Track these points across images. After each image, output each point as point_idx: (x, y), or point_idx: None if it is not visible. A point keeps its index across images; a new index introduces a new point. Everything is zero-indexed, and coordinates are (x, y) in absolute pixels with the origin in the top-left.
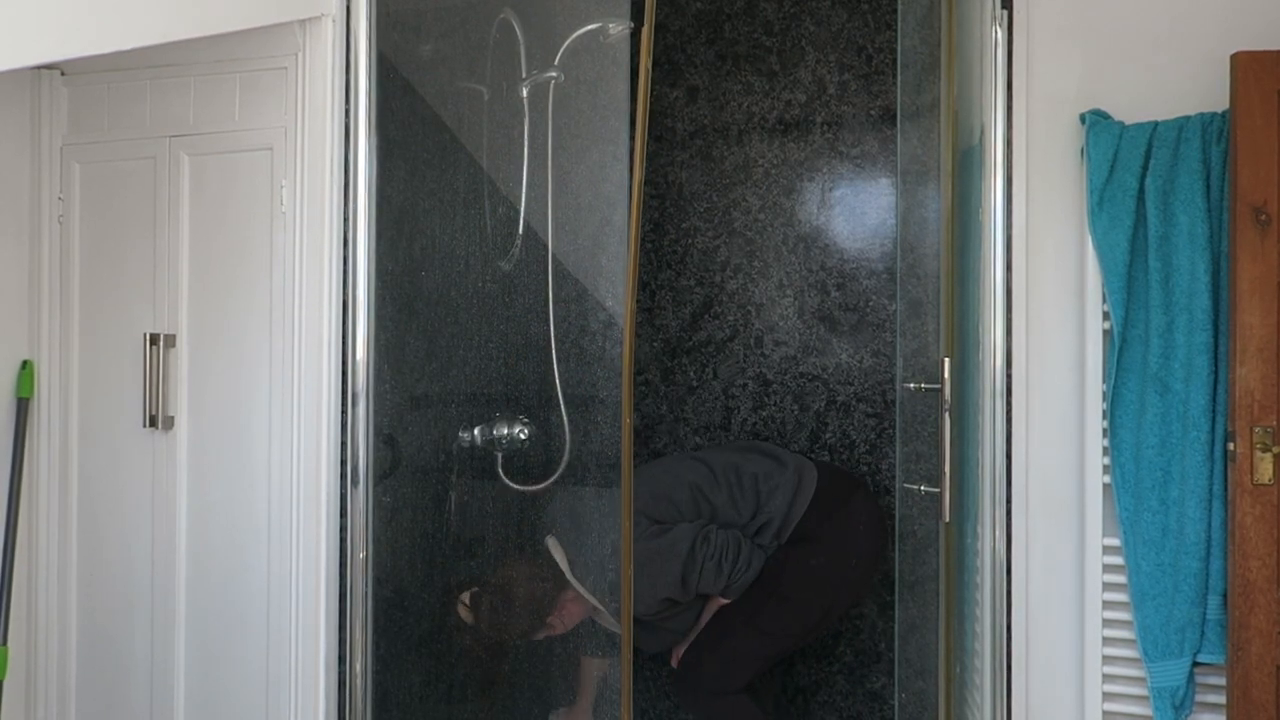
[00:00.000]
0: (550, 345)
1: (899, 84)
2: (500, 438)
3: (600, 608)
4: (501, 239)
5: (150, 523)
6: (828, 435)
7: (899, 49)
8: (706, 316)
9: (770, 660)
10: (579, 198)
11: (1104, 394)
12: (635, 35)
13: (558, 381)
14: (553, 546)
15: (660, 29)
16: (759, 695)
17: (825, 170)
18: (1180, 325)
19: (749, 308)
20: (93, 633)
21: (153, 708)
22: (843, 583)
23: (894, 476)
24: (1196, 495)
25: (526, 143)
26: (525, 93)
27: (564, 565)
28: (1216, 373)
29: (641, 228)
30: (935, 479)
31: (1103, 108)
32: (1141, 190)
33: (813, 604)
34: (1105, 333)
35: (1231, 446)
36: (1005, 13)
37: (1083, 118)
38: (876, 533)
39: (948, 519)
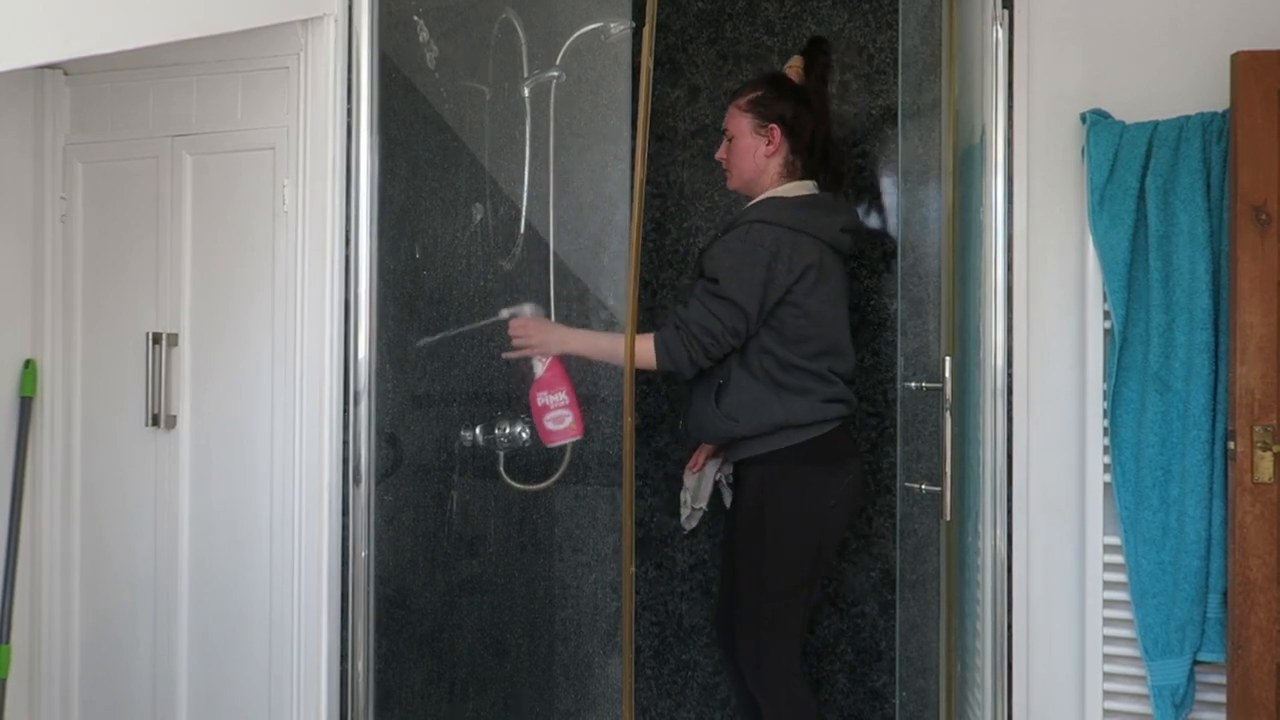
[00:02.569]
0: None
1: (900, 83)
2: (502, 437)
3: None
4: (503, 238)
5: (153, 521)
6: None
7: (900, 49)
8: None
9: (802, 619)
10: (581, 197)
11: (1105, 393)
12: (637, 35)
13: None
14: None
15: (661, 28)
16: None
17: None
18: (1181, 324)
19: None
20: (95, 631)
21: (155, 706)
22: (823, 517)
23: (895, 475)
24: (1197, 494)
25: (528, 142)
26: (527, 92)
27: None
28: (1217, 372)
29: (643, 227)
30: (936, 478)
31: (1103, 107)
32: (1142, 190)
33: (799, 547)
34: (1106, 332)
35: (1232, 445)
36: (1006, 12)
37: (1083, 117)
38: (859, 490)
39: (949, 518)
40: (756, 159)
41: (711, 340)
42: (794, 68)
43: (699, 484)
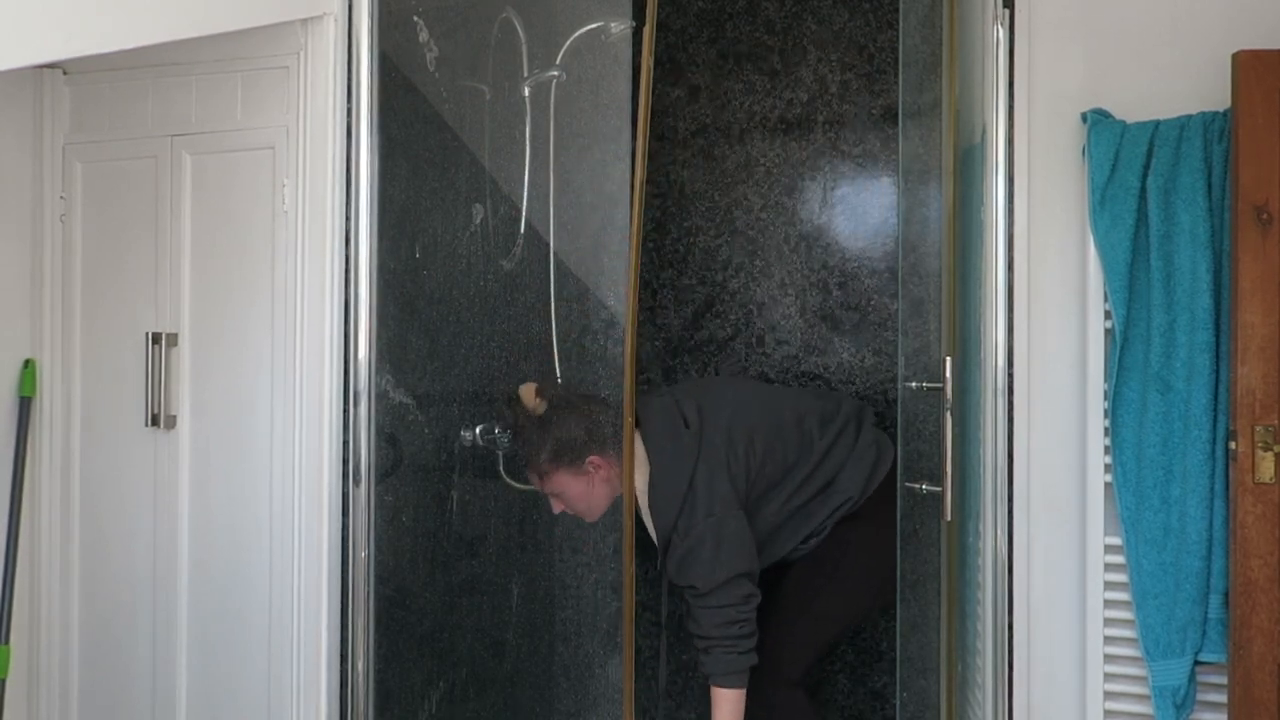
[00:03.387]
0: (552, 344)
1: (901, 83)
2: (502, 437)
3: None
4: (503, 238)
5: (152, 521)
6: None
7: (901, 48)
8: (708, 315)
9: (825, 647)
10: (581, 196)
11: (1105, 393)
12: (637, 34)
13: (560, 380)
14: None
15: (662, 28)
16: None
17: (827, 169)
18: (1182, 324)
19: (750, 307)
20: (95, 631)
21: (154, 706)
22: (890, 562)
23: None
24: (1198, 494)
25: (528, 142)
26: (527, 92)
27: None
28: (1218, 372)
29: (643, 227)
30: (937, 478)
31: (1104, 107)
32: (1143, 189)
33: (868, 586)
34: (1107, 331)
35: (1233, 445)
36: (1007, 11)
37: (1084, 116)
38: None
39: (949, 518)
40: (597, 491)
41: (740, 624)
42: (528, 399)
43: None
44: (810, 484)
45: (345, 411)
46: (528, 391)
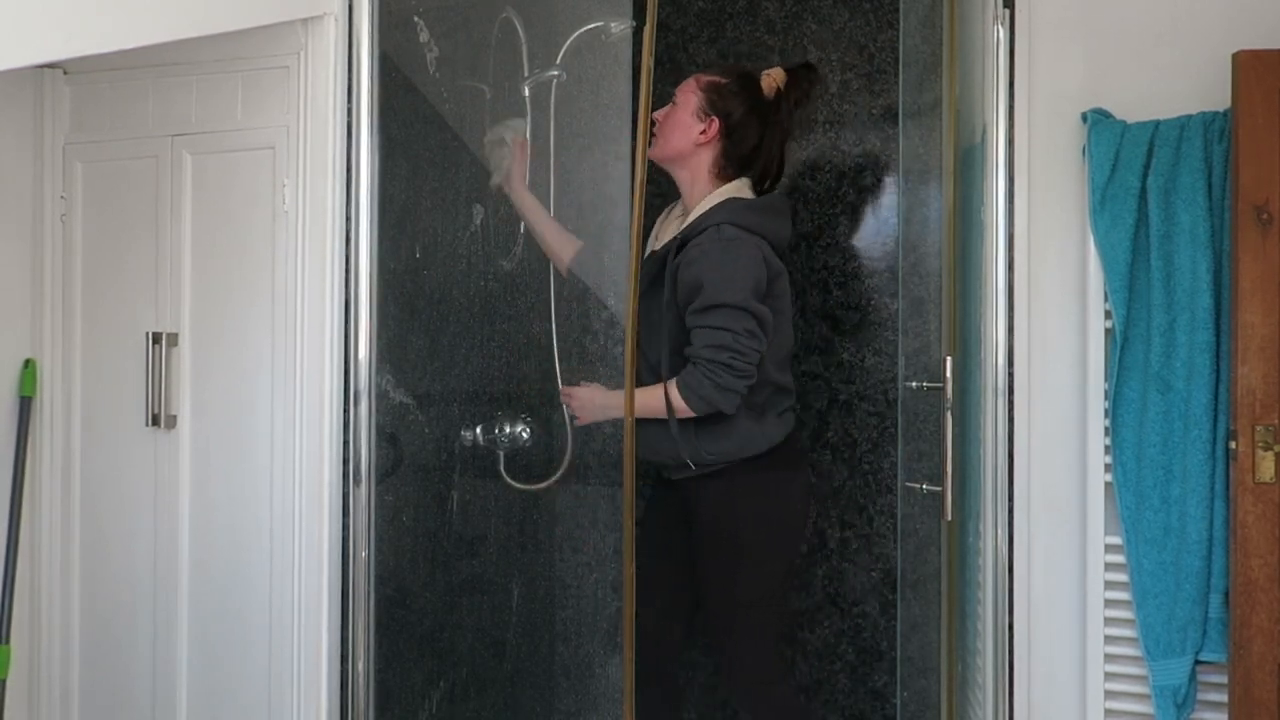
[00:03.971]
0: (552, 344)
1: (901, 83)
2: (502, 437)
3: None
4: (503, 238)
5: (153, 521)
6: (830, 434)
7: (901, 48)
8: None
9: (775, 627)
10: (581, 196)
11: (1106, 393)
12: (637, 34)
13: (560, 380)
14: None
15: (662, 28)
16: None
17: (827, 169)
18: (1182, 324)
19: None
20: (95, 631)
21: (155, 705)
22: (788, 516)
23: (896, 475)
24: (1198, 494)
25: (529, 141)
26: (527, 92)
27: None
28: (1218, 371)
29: (643, 227)
30: (937, 478)
31: (1104, 106)
32: (1143, 189)
33: (777, 551)
34: (1107, 331)
35: (1233, 445)
36: (1007, 11)
37: (1084, 116)
38: (810, 492)
39: (950, 518)
40: (686, 141)
41: (732, 354)
42: (771, 79)
43: None
44: (763, 392)
45: (345, 411)
46: (776, 77)
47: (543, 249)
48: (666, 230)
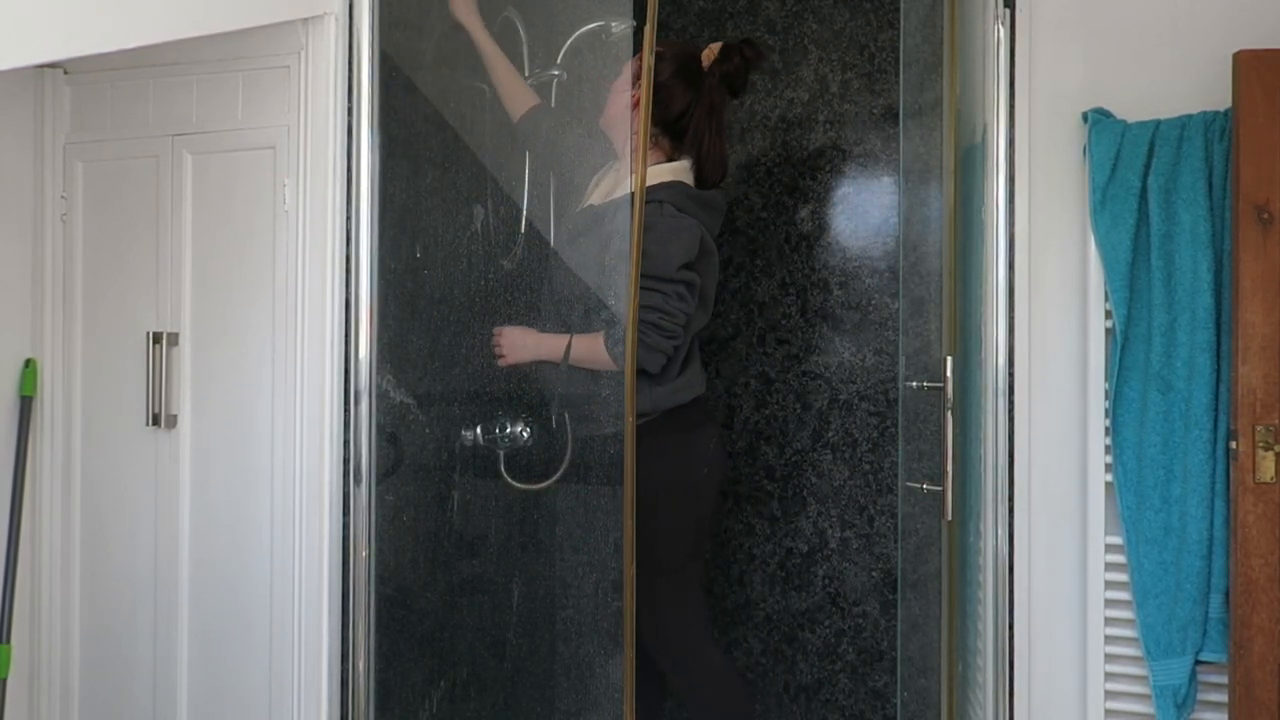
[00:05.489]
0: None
1: (901, 82)
2: (502, 436)
3: None
4: (503, 238)
5: (153, 521)
6: (830, 434)
7: (901, 47)
8: None
9: (694, 589)
10: (582, 196)
11: (1106, 392)
12: (638, 34)
13: (560, 380)
14: None
15: (662, 27)
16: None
17: (828, 168)
18: (1183, 324)
19: (751, 306)
20: (96, 630)
21: (155, 705)
22: (699, 492)
23: (896, 475)
24: (1199, 494)
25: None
26: None
27: None
28: (1219, 371)
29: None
30: (937, 477)
31: (1105, 106)
32: (1144, 189)
33: (680, 517)
34: (1108, 331)
35: (1234, 445)
36: (1008, 11)
37: (1085, 116)
38: (724, 457)
39: (950, 517)
40: (619, 105)
41: (661, 314)
42: (710, 52)
43: None
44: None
45: (346, 411)
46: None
47: (496, 90)
48: (603, 187)
